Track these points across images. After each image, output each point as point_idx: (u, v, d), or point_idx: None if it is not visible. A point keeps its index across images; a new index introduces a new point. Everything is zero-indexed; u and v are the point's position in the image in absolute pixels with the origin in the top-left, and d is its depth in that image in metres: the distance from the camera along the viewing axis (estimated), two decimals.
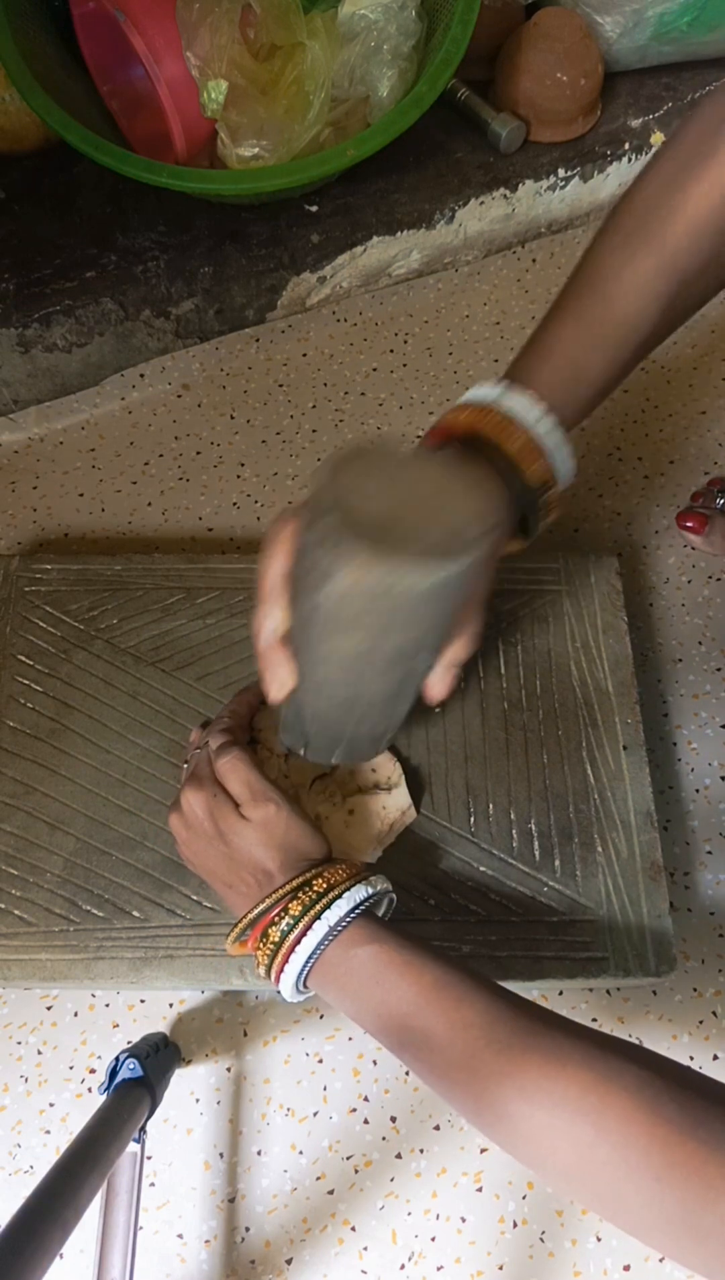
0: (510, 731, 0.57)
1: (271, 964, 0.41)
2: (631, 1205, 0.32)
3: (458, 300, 0.84)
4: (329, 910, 0.40)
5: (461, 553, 0.33)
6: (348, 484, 0.34)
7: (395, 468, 0.35)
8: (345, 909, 0.40)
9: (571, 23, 0.80)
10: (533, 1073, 0.34)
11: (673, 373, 0.80)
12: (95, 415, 0.78)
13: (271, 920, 0.41)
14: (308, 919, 0.40)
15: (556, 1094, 0.34)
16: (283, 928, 0.41)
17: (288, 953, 0.40)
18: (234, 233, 0.77)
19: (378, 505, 0.33)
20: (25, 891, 0.52)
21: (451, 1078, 0.37)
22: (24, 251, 0.75)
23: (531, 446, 0.42)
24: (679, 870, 0.59)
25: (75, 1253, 0.49)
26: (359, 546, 0.32)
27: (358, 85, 0.73)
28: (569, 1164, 0.33)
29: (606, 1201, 0.33)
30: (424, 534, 0.33)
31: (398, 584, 0.33)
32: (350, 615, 0.35)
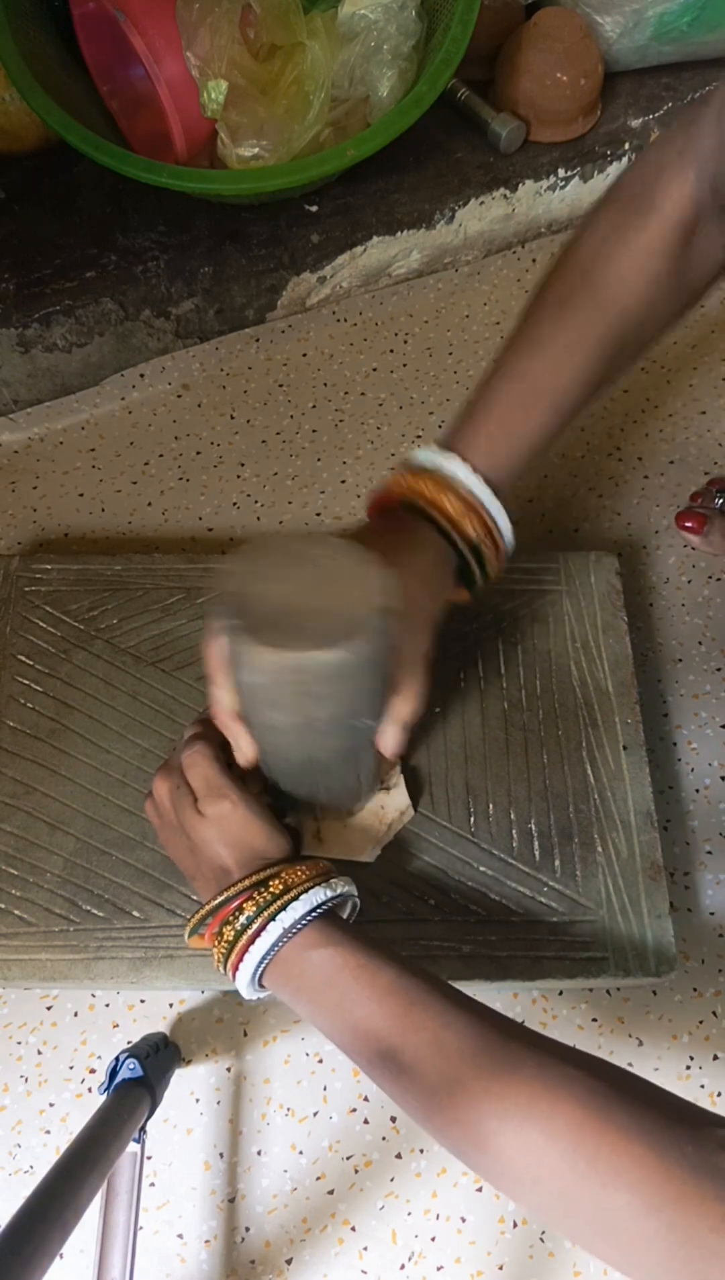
0: (510, 731, 0.57)
1: (226, 961, 0.41)
2: (581, 1209, 0.32)
3: (458, 300, 0.84)
4: (285, 911, 0.40)
5: (354, 637, 0.35)
6: (246, 581, 0.37)
7: (291, 559, 0.38)
8: (301, 911, 0.40)
9: (571, 23, 0.80)
10: (483, 1080, 0.34)
11: (673, 373, 0.80)
12: (95, 415, 0.78)
13: (226, 917, 0.41)
14: (263, 919, 0.40)
15: (507, 1100, 0.34)
16: (238, 926, 0.41)
17: (242, 951, 0.40)
18: (234, 233, 0.77)
19: (273, 600, 0.36)
20: (25, 891, 0.52)
21: (404, 1084, 0.37)
22: (24, 251, 0.75)
23: (464, 503, 0.45)
24: (679, 870, 0.59)
25: (75, 1253, 0.49)
26: (254, 644, 0.35)
27: (358, 85, 0.73)
28: (518, 1170, 0.33)
29: (555, 1207, 0.33)
30: (316, 623, 0.35)
31: (298, 670, 0.36)
32: (270, 697, 0.38)
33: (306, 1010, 0.41)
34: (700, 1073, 0.53)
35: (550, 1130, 0.32)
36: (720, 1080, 0.53)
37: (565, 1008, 0.55)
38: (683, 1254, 0.29)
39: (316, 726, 0.40)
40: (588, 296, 0.44)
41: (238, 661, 0.37)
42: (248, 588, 0.37)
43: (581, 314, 0.44)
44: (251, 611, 0.36)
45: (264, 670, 0.36)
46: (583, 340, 0.44)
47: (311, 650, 0.34)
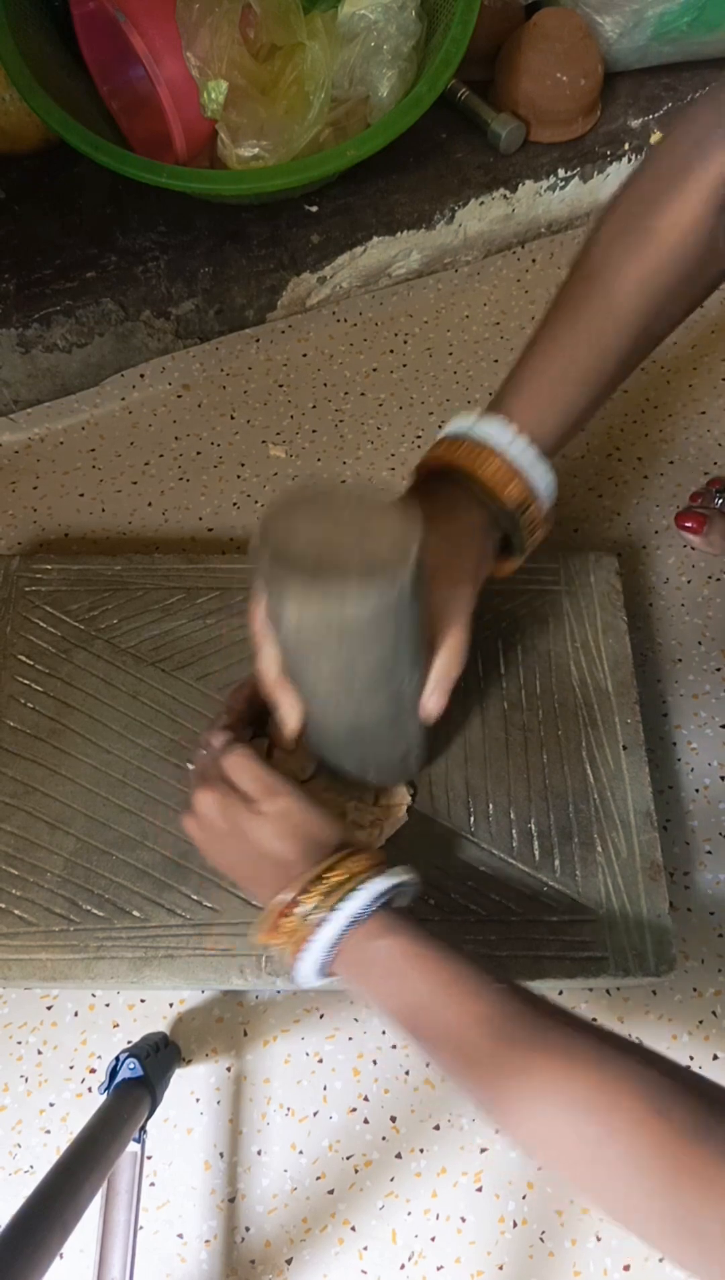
0: (510, 731, 0.57)
1: (291, 952, 0.41)
2: (637, 1205, 0.32)
3: (458, 300, 0.85)
4: (347, 900, 0.40)
5: (389, 573, 0.36)
6: (280, 528, 0.37)
7: (324, 507, 0.39)
8: (365, 900, 0.40)
9: (571, 23, 0.80)
10: (545, 1070, 0.35)
11: (673, 373, 0.80)
12: (95, 415, 0.78)
13: (290, 909, 0.41)
14: (326, 908, 0.40)
15: (567, 1092, 0.34)
16: (300, 916, 0.41)
17: (304, 941, 0.40)
18: (234, 233, 0.77)
19: (308, 543, 0.37)
20: (25, 891, 0.52)
21: (466, 1072, 0.37)
22: (24, 251, 0.75)
23: (505, 470, 0.44)
24: (679, 870, 0.59)
25: (75, 1253, 0.49)
26: (293, 583, 0.36)
27: (358, 85, 0.73)
28: (577, 1161, 0.33)
29: (612, 1200, 0.33)
30: (353, 562, 0.36)
31: (338, 610, 0.36)
32: (311, 644, 0.39)
33: (371, 998, 0.41)
34: (700, 1072, 0.53)
35: (610, 1124, 0.33)
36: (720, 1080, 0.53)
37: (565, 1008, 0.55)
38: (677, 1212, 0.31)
39: (357, 683, 0.41)
40: (632, 245, 0.43)
41: (279, 605, 0.37)
42: (286, 530, 0.37)
43: (619, 285, 0.44)
44: (291, 551, 0.36)
45: (306, 609, 0.37)
46: (622, 310, 0.44)
47: (352, 583, 0.35)
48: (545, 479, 0.45)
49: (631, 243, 0.44)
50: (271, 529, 0.37)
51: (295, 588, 0.36)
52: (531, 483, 0.45)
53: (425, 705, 0.45)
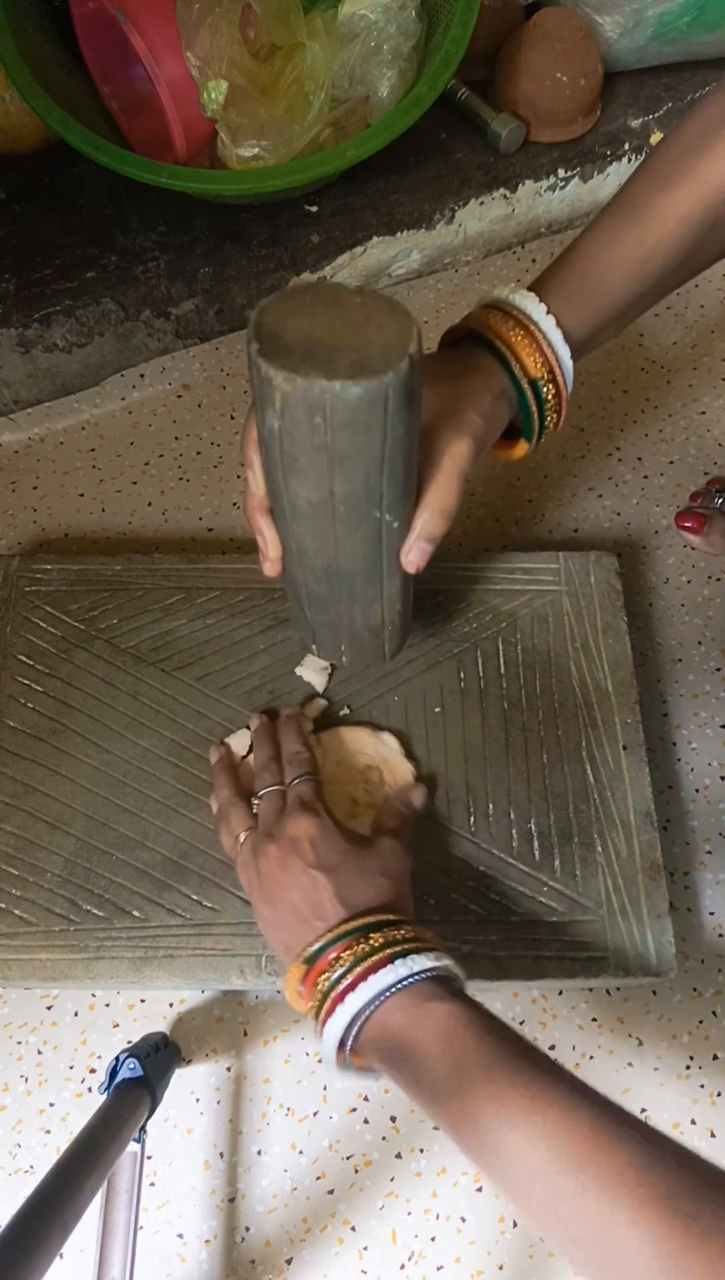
0: (510, 731, 0.57)
1: (318, 1016, 0.39)
2: (614, 1257, 0.30)
3: (458, 300, 0.84)
4: (383, 971, 0.38)
5: (384, 362, 0.34)
6: (274, 318, 0.36)
7: (321, 300, 0.37)
8: (401, 973, 0.38)
9: (571, 23, 0.80)
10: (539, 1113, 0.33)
11: (673, 373, 0.80)
12: (95, 415, 0.78)
13: (324, 968, 0.40)
14: (358, 971, 0.38)
15: (555, 1139, 0.32)
16: (330, 977, 0.39)
17: (334, 1004, 0.38)
18: (234, 233, 0.77)
19: (302, 333, 0.35)
20: (25, 891, 0.52)
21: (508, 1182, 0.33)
22: (24, 251, 0.75)
23: (530, 339, 0.43)
24: (679, 870, 0.59)
25: (75, 1253, 0.49)
26: (281, 367, 0.34)
27: (358, 85, 0.73)
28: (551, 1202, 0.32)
29: (583, 1248, 0.31)
30: (347, 355, 0.35)
31: (322, 400, 0.34)
32: (294, 441, 0.37)
33: (404, 1087, 0.38)
34: (700, 1073, 0.53)
35: (599, 1177, 0.31)
36: (720, 1080, 0.53)
37: (565, 1008, 0.55)
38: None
39: (338, 509, 0.39)
40: (688, 174, 0.43)
41: (265, 395, 0.36)
42: (280, 320, 0.36)
43: (680, 191, 0.43)
44: (281, 342, 0.35)
45: (288, 402, 0.35)
46: (677, 214, 0.43)
47: (343, 368, 0.34)
48: (568, 363, 0.44)
49: (672, 180, 0.43)
50: (265, 320, 0.36)
51: (283, 371, 0.34)
52: (557, 357, 0.44)
53: (406, 555, 0.42)
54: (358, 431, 0.36)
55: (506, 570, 0.62)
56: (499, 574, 0.62)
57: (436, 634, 0.60)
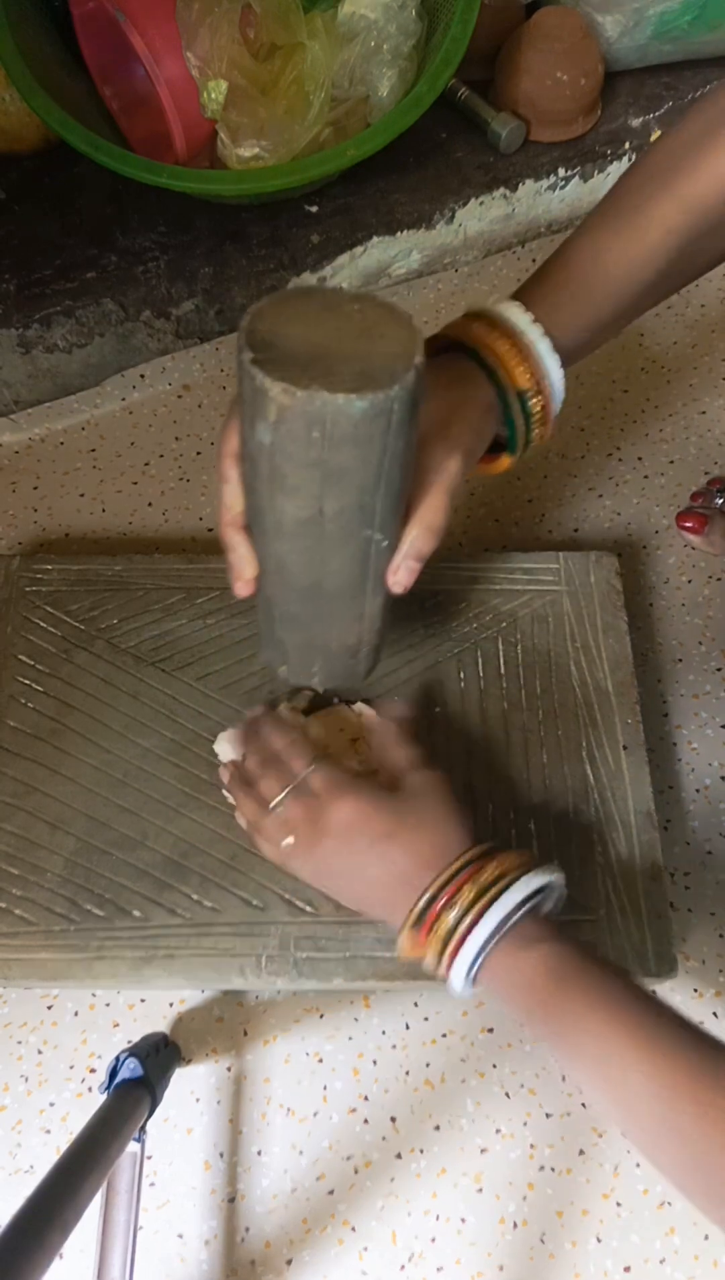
0: (510, 731, 0.57)
1: (443, 961, 0.40)
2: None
3: (458, 300, 0.84)
4: (498, 901, 0.39)
5: (389, 375, 0.33)
6: (268, 325, 0.34)
7: (319, 306, 0.35)
8: (517, 898, 0.39)
9: (571, 22, 0.80)
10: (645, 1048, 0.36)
11: (673, 373, 0.80)
12: (96, 416, 0.78)
13: (441, 912, 0.40)
14: (477, 909, 0.39)
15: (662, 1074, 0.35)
16: (452, 920, 0.39)
17: (457, 947, 0.39)
18: (234, 233, 0.77)
19: (299, 341, 0.33)
20: (26, 891, 0.52)
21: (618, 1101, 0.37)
22: (24, 252, 0.75)
23: (517, 350, 0.42)
24: (679, 870, 0.59)
25: (75, 1253, 0.49)
26: (278, 378, 0.32)
27: (358, 85, 0.73)
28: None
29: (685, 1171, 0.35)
30: (349, 367, 0.33)
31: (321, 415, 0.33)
32: (287, 457, 0.35)
33: (517, 1014, 0.40)
34: None
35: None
36: None
37: None
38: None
39: (326, 527, 0.37)
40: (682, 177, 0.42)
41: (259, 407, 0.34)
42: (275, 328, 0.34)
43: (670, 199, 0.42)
44: (277, 350, 0.33)
45: (285, 415, 0.33)
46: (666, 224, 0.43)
47: (340, 392, 0.32)
48: (557, 373, 0.44)
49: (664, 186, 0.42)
50: (258, 327, 0.33)
51: (281, 383, 0.32)
52: (544, 369, 0.43)
53: (393, 575, 0.42)
54: (358, 446, 0.34)
55: (506, 570, 0.62)
56: (499, 574, 0.62)
57: (436, 634, 0.60)
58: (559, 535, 0.71)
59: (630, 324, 0.47)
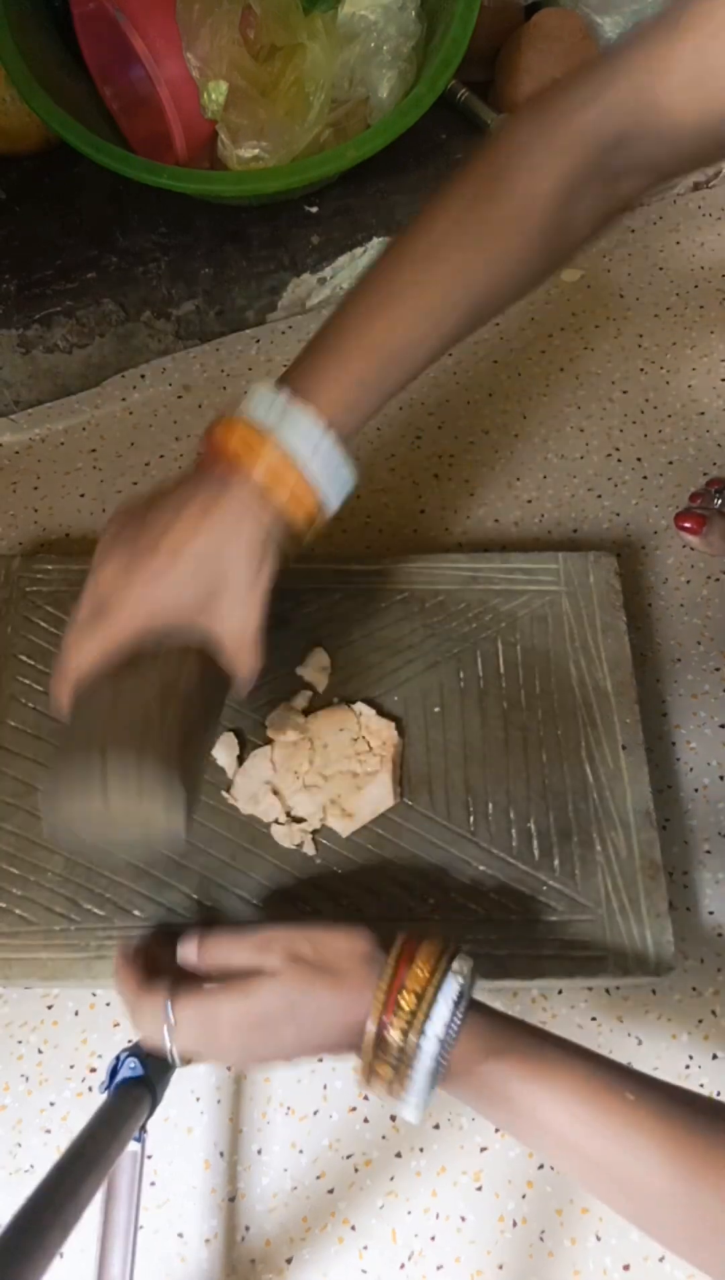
0: (510, 731, 0.57)
1: (397, 1095, 0.38)
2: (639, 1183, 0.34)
3: None
4: (430, 1022, 0.37)
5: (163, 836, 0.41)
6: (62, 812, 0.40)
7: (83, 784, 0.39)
8: (446, 1013, 0.37)
9: (571, 23, 0.80)
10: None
11: (672, 373, 0.80)
12: (96, 416, 0.78)
13: (381, 1049, 0.37)
14: (414, 1037, 0.37)
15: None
16: (393, 1054, 0.37)
17: (406, 1079, 0.37)
18: (234, 234, 0.77)
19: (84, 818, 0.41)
20: (26, 890, 0.52)
21: (629, 1206, 0.36)
22: (24, 252, 0.75)
23: (304, 488, 0.41)
24: (678, 869, 0.59)
25: (75, 1253, 0.49)
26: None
27: (358, 86, 0.73)
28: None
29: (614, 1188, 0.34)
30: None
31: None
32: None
33: (502, 1127, 0.40)
34: (700, 1072, 0.53)
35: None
36: (720, 1080, 0.53)
37: (564, 1007, 0.55)
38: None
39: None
40: (458, 249, 0.42)
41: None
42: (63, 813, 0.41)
43: (449, 266, 0.42)
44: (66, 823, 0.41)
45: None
46: (447, 295, 0.42)
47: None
48: (347, 485, 0.43)
49: (466, 236, 0.42)
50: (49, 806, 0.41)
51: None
52: (325, 499, 0.42)
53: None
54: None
55: (506, 570, 0.63)
56: (499, 574, 0.62)
57: (436, 634, 0.60)
58: (558, 535, 0.71)
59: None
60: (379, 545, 0.70)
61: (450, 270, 0.42)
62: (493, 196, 0.42)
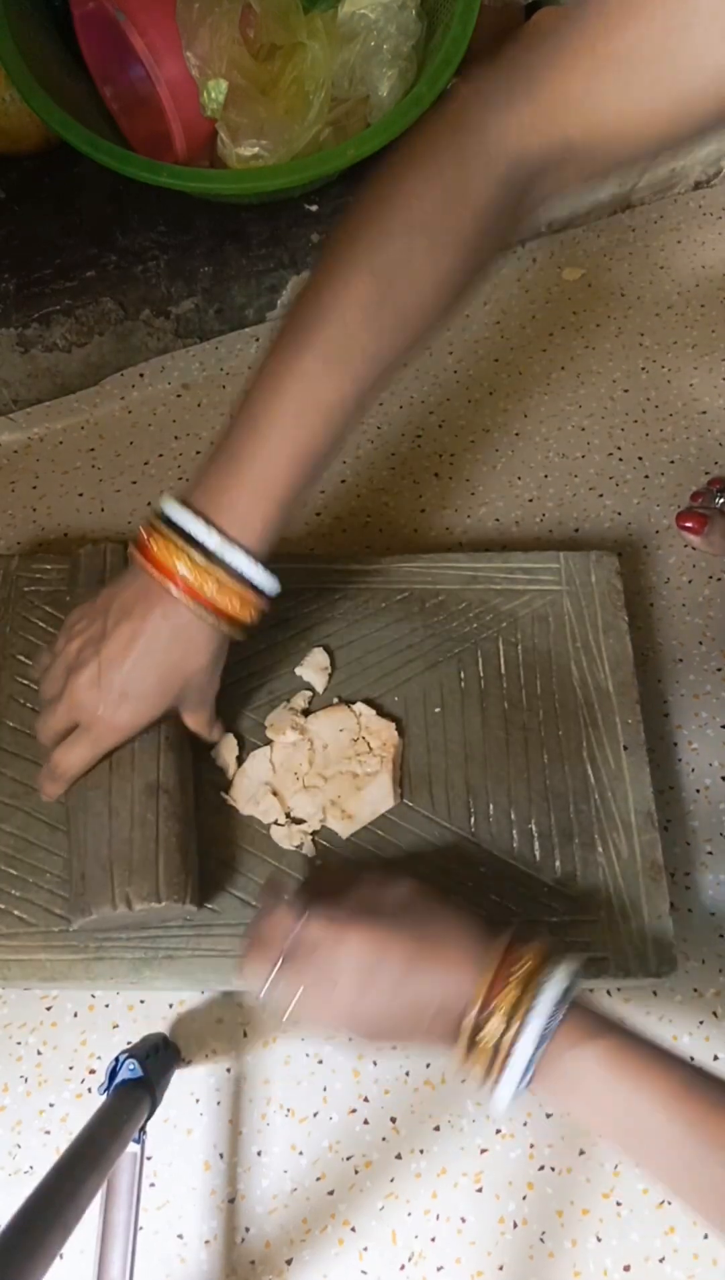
0: (510, 731, 0.57)
1: (490, 1081, 0.38)
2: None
3: None
4: (533, 1011, 0.37)
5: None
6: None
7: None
8: (549, 1004, 0.37)
9: None
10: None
11: (673, 372, 0.80)
12: (95, 415, 0.78)
13: (478, 1032, 0.37)
14: (515, 1024, 0.37)
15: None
16: (489, 1039, 0.37)
17: (501, 1066, 0.37)
18: (234, 232, 0.77)
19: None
20: (25, 891, 0.51)
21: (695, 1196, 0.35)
22: (24, 251, 0.75)
23: (247, 595, 0.44)
24: (679, 870, 0.59)
25: (75, 1253, 0.49)
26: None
27: (358, 85, 0.73)
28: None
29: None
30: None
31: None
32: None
33: (579, 1117, 0.38)
34: None
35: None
36: None
37: None
38: None
39: None
40: (381, 317, 0.41)
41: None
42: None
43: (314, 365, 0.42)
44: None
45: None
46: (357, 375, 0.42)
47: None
48: (274, 587, 0.46)
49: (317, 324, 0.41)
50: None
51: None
52: (263, 598, 0.45)
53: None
54: None
55: (507, 570, 0.62)
56: (499, 574, 0.62)
57: (437, 634, 0.60)
58: (559, 535, 0.71)
59: None
60: (379, 545, 0.70)
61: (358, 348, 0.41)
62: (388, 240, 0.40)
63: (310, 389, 0.42)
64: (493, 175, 0.39)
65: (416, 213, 0.40)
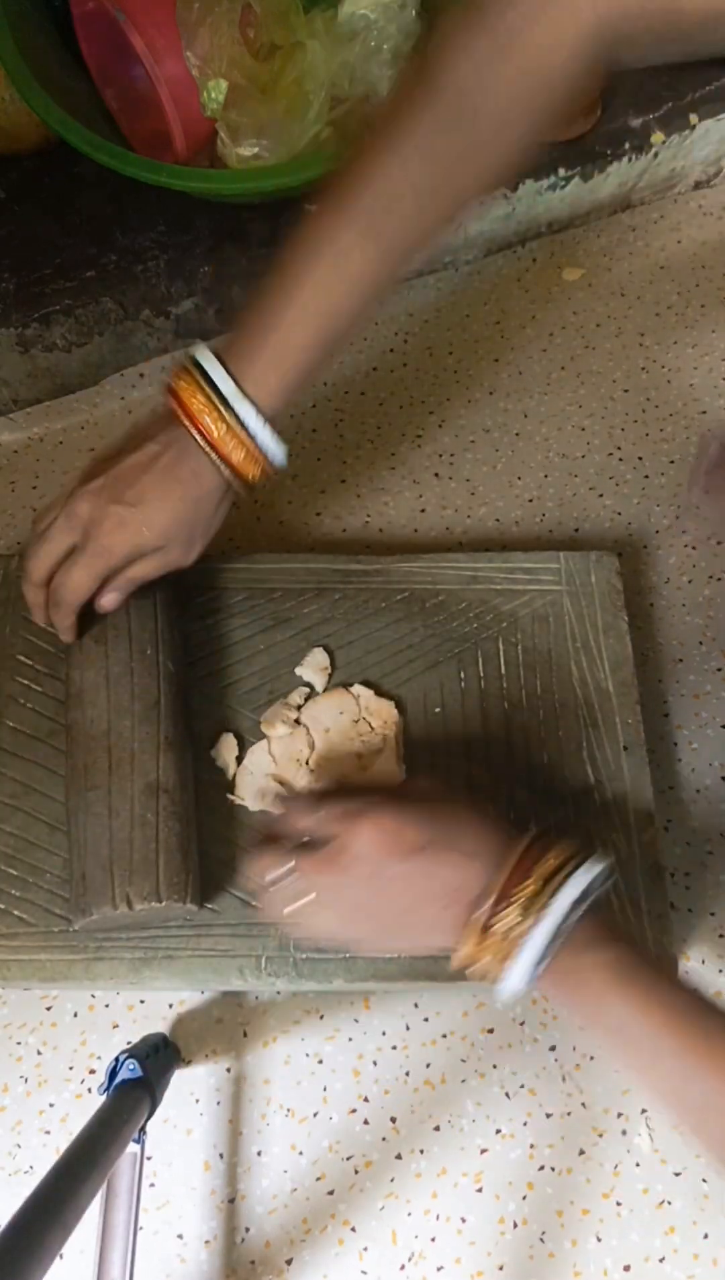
0: (510, 731, 0.57)
1: (497, 969, 0.38)
2: None
3: (458, 299, 0.84)
4: (552, 904, 0.37)
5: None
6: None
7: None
8: (569, 899, 0.37)
9: None
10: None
11: (673, 372, 0.80)
12: (95, 415, 0.78)
13: (492, 922, 0.38)
14: (531, 915, 0.37)
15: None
16: (503, 929, 0.37)
17: (511, 955, 0.37)
18: (234, 232, 0.77)
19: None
20: (25, 892, 0.51)
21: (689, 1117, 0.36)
22: (24, 251, 0.75)
23: (250, 456, 0.47)
24: (679, 870, 0.59)
25: (75, 1253, 0.49)
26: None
27: (357, 85, 0.73)
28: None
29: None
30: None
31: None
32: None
33: (581, 1019, 0.38)
34: None
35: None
36: None
37: None
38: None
39: None
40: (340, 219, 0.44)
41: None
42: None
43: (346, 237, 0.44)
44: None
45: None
46: (358, 267, 0.44)
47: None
48: (281, 456, 0.48)
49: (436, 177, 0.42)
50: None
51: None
52: (271, 462, 0.48)
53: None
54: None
55: (507, 570, 0.62)
56: (499, 574, 0.62)
57: (436, 634, 0.60)
58: (559, 535, 0.71)
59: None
60: (379, 545, 0.70)
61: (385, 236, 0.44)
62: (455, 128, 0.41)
63: (341, 262, 0.44)
64: (579, 32, 0.37)
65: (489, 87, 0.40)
